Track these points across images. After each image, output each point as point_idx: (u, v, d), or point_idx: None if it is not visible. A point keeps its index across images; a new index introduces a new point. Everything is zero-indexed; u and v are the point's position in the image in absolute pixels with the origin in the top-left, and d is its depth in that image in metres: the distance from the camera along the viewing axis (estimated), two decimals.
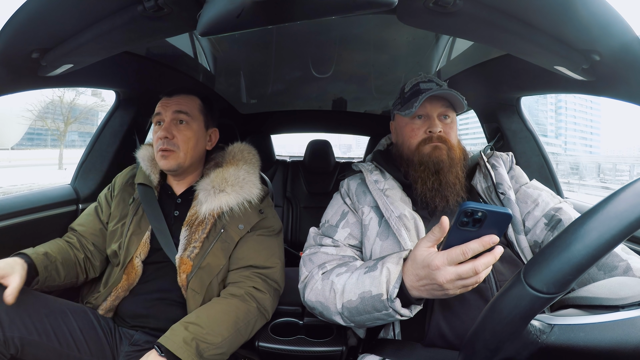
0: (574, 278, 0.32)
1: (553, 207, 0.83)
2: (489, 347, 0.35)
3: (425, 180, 0.85)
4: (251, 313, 0.86)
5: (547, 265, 0.33)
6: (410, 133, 0.90)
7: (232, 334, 0.81)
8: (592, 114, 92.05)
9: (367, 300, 0.67)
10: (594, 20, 0.61)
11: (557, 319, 0.36)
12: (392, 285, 0.64)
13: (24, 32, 0.70)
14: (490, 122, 1.47)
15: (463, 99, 0.87)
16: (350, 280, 0.72)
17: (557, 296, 0.32)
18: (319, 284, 0.78)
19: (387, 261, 0.67)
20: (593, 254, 0.31)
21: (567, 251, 0.32)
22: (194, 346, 0.73)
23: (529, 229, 0.83)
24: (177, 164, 0.95)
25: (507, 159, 0.96)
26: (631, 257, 0.69)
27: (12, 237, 1.01)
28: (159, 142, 0.94)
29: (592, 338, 0.34)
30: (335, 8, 0.56)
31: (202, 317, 0.80)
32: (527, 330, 0.35)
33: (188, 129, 0.96)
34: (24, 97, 7.23)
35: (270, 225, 1.00)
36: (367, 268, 0.71)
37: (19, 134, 36.15)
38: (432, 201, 0.84)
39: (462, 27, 0.71)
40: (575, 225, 0.33)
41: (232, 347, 0.81)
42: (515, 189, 0.90)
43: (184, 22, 0.68)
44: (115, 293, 0.90)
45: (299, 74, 1.72)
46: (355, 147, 16.91)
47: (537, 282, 0.32)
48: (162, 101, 0.98)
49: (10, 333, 0.72)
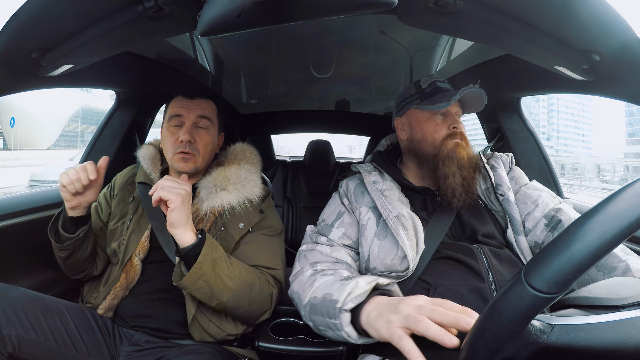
0: (574, 278, 0.32)
1: (553, 208, 0.83)
2: (490, 347, 0.35)
3: (455, 175, 0.85)
4: (266, 287, 0.90)
5: (548, 265, 0.33)
6: (434, 128, 0.90)
7: (245, 283, 0.84)
8: (584, 116, 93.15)
9: (326, 302, 0.67)
10: (594, 20, 0.61)
11: (557, 319, 0.36)
12: (351, 297, 0.62)
13: (24, 32, 0.70)
14: (490, 122, 1.47)
15: (485, 98, 0.88)
16: (327, 280, 0.73)
17: (557, 296, 0.32)
18: (304, 278, 0.80)
19: (363, 277, 0.67)
20: (594, 253, 0.31)
21: (568, 251, 0.32)
22: (214, 256, 0.79)
23: (529, 230, 0.83)
24: (195, 168, 0.96)
25: (506, 160, 0.96)
26: (630, 257, 0.69)
27: (12, 237, 1.01)
28: (178, 144, 0.93)
29: (593, 338, 0.33)
30: (335, 8, 0.56)
31: (231, 257, 0.87)
32: (527, 330, 0.34)
33: (208, 134, 0.97)
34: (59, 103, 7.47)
35: (271, 225, 1.00)
36: (345, 277, 0.72)
37: (55, 135, 40.33)
38: (459, 197, 0.83)
39: (462, 27, 0.71)
40: (576, 225, 0.33)
41: (236, 296, 0.83)
42: (515, 190, 0.90)
43: (184, 22, 0.68)
44: (114, 292, 0.90)
45: (300, 75, 1.72)
46: (358, 148, 16.98)
47: (538, 282, 0.32)
48: (181, 102, 0.97)
49: (7, 331, 0.72)
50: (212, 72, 1.62)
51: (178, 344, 0.88)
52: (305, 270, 0.83)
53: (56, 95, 15.10)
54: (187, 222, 0.77)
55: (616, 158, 47.70)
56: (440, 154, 0.88)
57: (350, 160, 2.68)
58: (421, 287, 0.78)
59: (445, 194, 0.85)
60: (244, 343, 0.99)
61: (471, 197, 0.84)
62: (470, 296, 0.73)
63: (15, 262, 1.02)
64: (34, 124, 35.23)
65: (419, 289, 0.78)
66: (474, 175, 0.87)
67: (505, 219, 0.85)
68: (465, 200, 0.83)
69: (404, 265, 0.77)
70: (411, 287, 0.79)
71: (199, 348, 0.84)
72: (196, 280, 0.77)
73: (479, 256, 0.78)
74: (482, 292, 0.73)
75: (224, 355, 0.85)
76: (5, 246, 0.99)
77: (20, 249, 1.03)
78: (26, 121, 34.20)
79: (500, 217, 0.87)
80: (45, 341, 0.77)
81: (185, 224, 0.77)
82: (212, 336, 0.88)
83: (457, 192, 0.84)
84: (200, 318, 0.87)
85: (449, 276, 0.77)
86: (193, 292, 0.79)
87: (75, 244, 0.89)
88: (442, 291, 0.75)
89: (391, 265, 0.79)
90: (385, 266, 0.79)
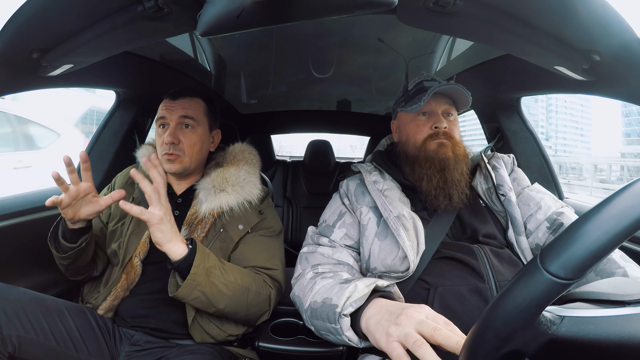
0: (591, 264, 0.31)
1: (555, 212, 0.83)
2: (500, 336, 0.35)
3: (431, 178, 0.85)
4: (263, 289, 0.89)
5: (566, 250, 0.32)
6: (415, 129, 0.90)
7: (241, 288, 0.84)
8: (583, 117, 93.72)
9: (326, 307, 0.67)
10: (594, 20, 0.61)
11: (567, 311, 0.36)
12: (350, 302, 0.62)
13: (24, 32, 0.70)
14: (490, 122, 1.47)
15: (469, 94, 0.88)
16: (326, 284, 0.73)
17: (574, 282, 0.32)
18: (305, 281, 0.80)
19: (362, 280, 0.67)
20: (611, 240, 0.31)
21: (586, 236, 0.32)
22: (207, 265, 0.79)
23: (530, 232, 0.83)
24: (183, 168, 0.95)
25: (508, 161, 0.96)
26: (629, 264, 0.70)
27: (12, 237, 1.01)
28: (164, 147, 0.94)
29: (602, 331, 0.33)
30: (335, 8, 0.56)
31: (225, 262, 0.86)
32: (538, 320, 0.34)
33: (194, 133, 0.96)
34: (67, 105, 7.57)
35: (270, 226, 1.00)
36: (345, 280, 0.71)
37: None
38: (436, 200, 0.84)
39: (462, 27, 0.70)
40: (593, 212, 0.33)
41: (233, 302, 0.83)
42: (517, 192, 0.90)
43: (184, 22, 0.68)
44: (114, 293, 0.90)
45: (300, 75, 1.72)
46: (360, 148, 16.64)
47: (555, 267, 0.32)
48: (165, 103, 0.97)
49: (7, 332, 0.72)
50: (212, 72, 1.62)
51: (178, 344, 0.88)
52: (306, 273, 0.83)
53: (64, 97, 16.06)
54: (172, 237, 0.75)
55: (613, 158, 48.01)
56: (420, 155, 0.88)
57: (351, 160, 2.68)
58: (421, 287, 0.78)
59: (423, 195, 0.86)
60: (244, 343, 0.99)
61: (456, 199, 0.83)
62: (470, 296, 0.73)
63: (16, 262, 1.02)
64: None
65: (419, 289, 0.78)
66: (464, 175, 0.86)
67: (507, 219, 0.85)
68: (447, 204, 0.83)
69: (404, 265, 0.77)
70: (411, 287, 0.79)
71: (199, 348, 0.84)
72: (191, 290, 0.77)
73: (480, 256, 0.78)
74: (483, 292, 0.73)
75: (224, 355, 0.85)
76: (6, 246, 0.99)
77: (20, 249, 1.03)
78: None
79: (501, 218, 0.87)
80: (45, 341, 0.77)
81: (171, 239, 0.75)
82: (212, 337, 0.88)
83: (432, 195, 0.84)
84: (200, 319, 0.87)
85: (450, 276, 0.77)
86: (190, 302, 0.79)
87: (77, 252, 0.87)
88: (442, 291, 0.75)
89: (392, 266, 0.78)
90: (385, 266, 0.79)
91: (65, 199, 0.76)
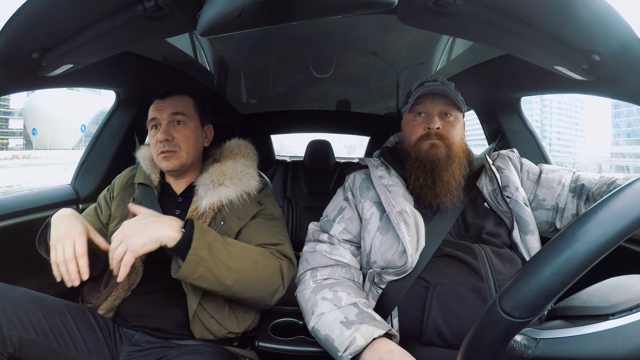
0: (544, 303, 0.33)
1: (572, 179, 0.88)
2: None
3: (418, 176, 0.87)
4: (272, 260, 0.88)
5: (518, 291, 0.34)
6: (411, 129, 0.92)
7: (249, 260, 0.82)
8: (577, 119, 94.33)
9: (329, 344, 0.72)
10: (594, 20, 0.61)
11: (542, 333, 0.37)
12: (349, 352, 0.67)
13: (24, 32, 0.70)
14: (490, 122, 1.47)
15: (458, 94, 0.89)
16: (328, 317, 0.75)
17: (530, 320, 0.34)
18: (307, 293, 0.83)
19: (361, 329, 0.69)
20: (562, 280, 0.32)
21: (536, 278, 0.33)
22: (207, 239, 0.76)
23: (562, 209, 0.87)
24: (180, 164, 0.95)
25: (514, 156, 0.98)
26: None
27: (12, 237, 1.01)
28: (158, 145, 0.94)
29: (578, 350, 0.34)
30: (335, 8, 0.56)
31: (227, 238, 0.84)
32: (510, 346, 0.36)
33: (186, 128, 0.97)
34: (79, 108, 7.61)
35: (270, 213, 1.00)
36: (345, 318, 0.73)
37: (76, 137, 45.84)
38: (425, 198, 0.87)
39: (462, 27, 0.71)
40: (545, 252, 0.35)
41: (242, 276, 0.80)
42: (535, 181, 0.92)
43: (184, 22, 0.68)
44: (115, 293, 0.90)
45: (300, 75, 1.72)
46: (359, 148, 16.83)
47: (510, 308, 0.34)
48: (155, 104, 0.98)
49: (8, 332, 0.72)
50: (212, 71, 1.62)
51: (178, 344, 0.88)
52: (306, 279, 0.86)
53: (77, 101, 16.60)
54: (156, 229, 0.73)
55: (603, 158, 48.14)
56: (412, 154, 0.90)
57: (350, 160, 2.68)
58: (421, 286, 0.79)
59: (415, 192, 0.88)
60: (244, 343, 0.99)
61: (445, 199, 0.84)
62: (469, 295, 0.74)
63: (16, 262, 1.02)
64: (59, 127, 40.35)
65: (419, 287, 0.79)
66: (455, 177, 0.86)
67: (512, 220, 0.85)
68: (439, 202, 0.85)
69: (402, 260, 0.78)
70: (411, 286, 0.79)
71: (199, 348, 0.84)
72: (195, 267, 0.74)
73: (480, 255, 0.78)
74: (481, 291, 0.74)
75: (224, 355, 0.85)
76: (6, 246, 0.99)
77: (20, 249, 1.03)
78: (52, 124, 39.40)
79: (506, 218, 0.87)
80: (46, 341, 0.77)
81: (156, 231, 0.72)
82: (212, 333, 0.87)
83: (417, 192, 0.88)
84: (201, 314, 0.86)
85: (449, 275, 0.77)
86: (195, 281, 0.76)
87: None
88: (441, 290, 0.76)
89: (391, 260, 0.79)
90: (385, 261, 0.80)
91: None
